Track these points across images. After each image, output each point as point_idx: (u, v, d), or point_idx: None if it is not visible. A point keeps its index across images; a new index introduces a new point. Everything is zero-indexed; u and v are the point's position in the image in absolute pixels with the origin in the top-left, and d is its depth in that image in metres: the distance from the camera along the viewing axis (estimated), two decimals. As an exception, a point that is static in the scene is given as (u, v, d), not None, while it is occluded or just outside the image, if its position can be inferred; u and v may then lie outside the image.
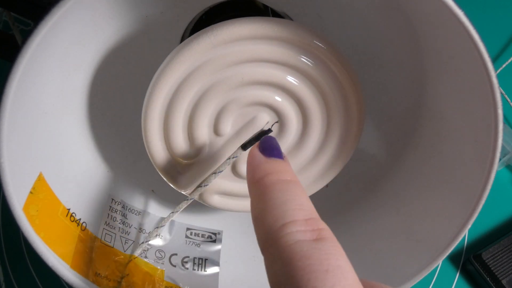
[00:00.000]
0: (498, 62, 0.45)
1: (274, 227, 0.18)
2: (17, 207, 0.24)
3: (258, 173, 0.21)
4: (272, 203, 0.19)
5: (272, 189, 0.20)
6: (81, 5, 0.24)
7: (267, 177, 0.20)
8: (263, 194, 0.20)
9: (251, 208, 0.20)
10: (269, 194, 0.19)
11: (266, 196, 0.19)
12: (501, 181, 0.42)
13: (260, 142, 0.23)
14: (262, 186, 0.20)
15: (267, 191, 0.20)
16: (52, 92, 0.28)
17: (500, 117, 0.24)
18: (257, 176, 0.20)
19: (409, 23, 0.27)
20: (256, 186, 0.20)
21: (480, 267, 0.38)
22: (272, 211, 0.19)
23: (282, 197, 0.19)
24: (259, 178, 0.20)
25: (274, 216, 0.18)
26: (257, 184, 0.20)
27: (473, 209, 0.26)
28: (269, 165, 0.21)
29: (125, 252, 0.30)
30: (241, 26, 0.25)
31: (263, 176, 0.20)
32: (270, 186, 0.20)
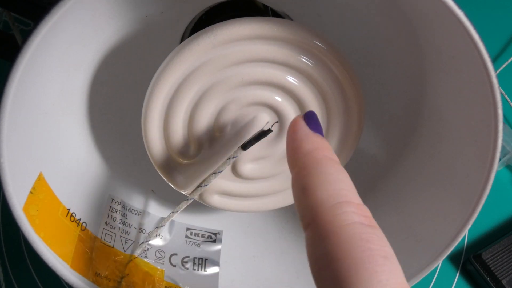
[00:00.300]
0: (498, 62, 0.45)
1: (328, 203, 0.17)
2: (17, 207, 0.24)
3: (307, 144, 0.20)
4: (325, 178, 0.18)
5: (325, 164, 0.19)
6: (81, 5, 0.24)
7: (317, 151, 0.19)
8: (314, 166, 0.19)
9: (296, 179, 0.19)
10: (321, 168, 0.19)
11: (318, 169, 0.19)
12: (501, 181, 0.42)
13: (305, 115, 0.22)
14: (313, 159, 0.19)
15: (320, 165, 0.19)
16: (52, 92, 0.28)
17: (500, 117, 0.24)
18: (307, 147, 0.20)
19: (409, 23, 0.27)
20: (306, 158, 0.19)
21: (480, 267, 0.38)
22: (326, 186, 0.18)
23: (336, 174, 0.19)
24: (310, 150, 0.19)
25: (328, 192, 0.18)
26: (307, 156, 0.19)
27: (473, 209, 0.26)
28: (318, 139, 0.20)
29: (125, 252, 0.30)
30: (241, 26, 0.25)
31: (314, 149, 0.19)
32: (322, 161, 0.19)
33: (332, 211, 0.17)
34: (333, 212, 0.17)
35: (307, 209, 0.18)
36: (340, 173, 0.19)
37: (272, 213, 0.35)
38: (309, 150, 0.20)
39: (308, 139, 0.20)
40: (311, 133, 0.20)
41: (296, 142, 0.20)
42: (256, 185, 0.29)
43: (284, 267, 0.33)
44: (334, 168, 0.19)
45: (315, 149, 0.20)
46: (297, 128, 0.21)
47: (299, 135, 0.20)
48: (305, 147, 0.20)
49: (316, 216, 0.17)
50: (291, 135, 0.21)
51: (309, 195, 0.18)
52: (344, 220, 0.17)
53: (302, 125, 0.21)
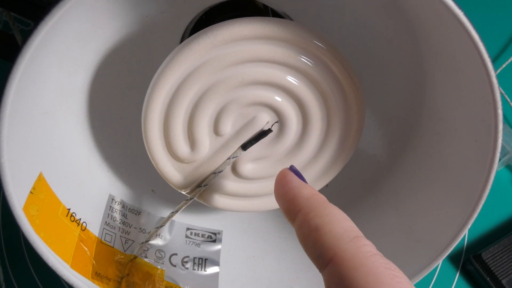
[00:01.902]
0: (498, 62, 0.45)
1: (347, 238, 0.18)
2: (17, 207, 0.24)
3: (306, 190, 0.21)
4: (336, 217, 0.19)
5: (329, 205, 0.20)
6: (81, 5, 0.24)
7: (317, 195, 0.21)
8: (322, 207, 0.20)
9: (305, 220, 0.20)
10: (329, 209, 0.20)
11: (326, 210, 0.20)
12: (501, 181, 0.42)
13: (291, 169, 0.23)
14: (317, 201, 0.20)
15: (326, 206, 0.20)
16: (52, 92, 0.28)
17: (500, 117, 0.24)
18: (307, 192, 0.21)
19: (409, 23, 0.27)
20: (310, 201, 0.20)
21: (480, 267, 0.38)
22: (340, 223, 0.19)
23: (341, 214, 0.20)
24: (311, 194, 0.21)
25: (343, 228, 0.19)
26: (310, 199, 0.21)
27: (473, 209, 0.26)
28: (310, 187, 0.22)
29: (125, 252, 0.30)
30: (241, 26, 0.25)
31: (314, 194, 0.21)
32: (326, 203, 0.20)
33: (354, 244, 0.18)
34: (355, 245, 0.18)
35: (325, 246, 0.18)
36: (343, 213, 0.20)
37: (272, 213, 0.35)
38: (309, 194, 0.21)
39: (305, 186, 0.21)
40: (303, 183, 0.22)
41: (294, 190, 0.21)
42: (256, 185, 0.29)
43: (284, 267, 0.33)
44: (337, 209, 0.20)
45: (315, 193, 0.21)
46: (289, 178, 0.22)
47: (295, 183, 0.22)
48: (305, 193, 0.21)
49: (339, 250, 0.18)
50: (285, 186, 0.22)
51: (325, 233, 0.19)
52: (367, 252, 0.18)
53: (293, 176, 0.22)
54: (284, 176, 0.22)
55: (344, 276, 0.17)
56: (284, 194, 0.22)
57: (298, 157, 0.28)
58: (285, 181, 0.22)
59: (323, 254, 0.18)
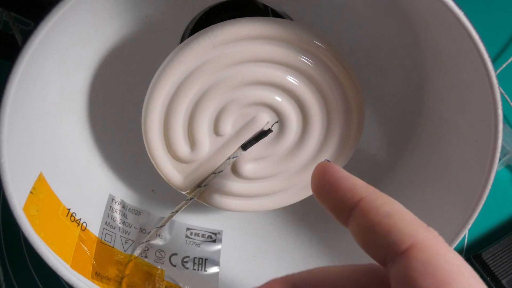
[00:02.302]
0: (498, 62, 0.45)
1: (422, 225, 0.18)
2: (17, 207, 0.24)
3: (360, 180, 0.20)
4: (402, 206, 0.19)
5: (388, 195, 0.19)
6: (82, 5, 0.24)
7: (371, 186, 0.20)
8: (386, 196, 0.19)
9: (374, 206, 0.19)
10: (391, 198, 0.19)
11: (390, 198, 0.19)
12: (501, 181, 0.42)
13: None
14: (377, 190, 0.20)
15: (387, 195, 0.19)
16: (52, 92, 0.28)
17: (500, 117, 0.24)
18: (362, 182, 0.20)
19: (409, 23, 0.27)
20: (371, 189, 0.20)
21: (480, 267, 0.37)
22: (409, 212, 0.18)
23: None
24: (367, 184, 0.20)
25: (415, 217, 0.18)
26: (370, 188, 0.20)
27: (473, 209, 0.26)
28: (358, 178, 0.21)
29: (125, 252, 0.30)
30: (241, 26, 0.25)
31: (368, 184, 0.20)
32: (384, 193, 0.20)
33: (431, 233, 0.18)
34: (432, 234, 0.18)
35: (403, 232, 0.18)
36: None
37: (272, 213, 0.35)
38: (365, 184, 0.20)
39: (355, 177, 0.20)
40: (347, 173, 0.21)
41: (349, 179, 0.20)
42: (256, 185, 0.29)
43: (284, 267, 0.33)
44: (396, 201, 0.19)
45: (368, 184, 0.20)
46: (336, 168, 0.21)
47: (346, 173, 0.20)
48: (360, 182, 0.20)
49: (419, 237, 0.17)
50: (335, 176, 0.20)
51: (400, 219, 0.18)
52: (443, 242, 0.17)
53: (339, 167, 0.21)
54: (328, 167, 0.21)
55: (427, 263, 0.17)
56: (337, 184, 0.20)
57: (298, 157, 0.28)
58: (333, 171, 0.20)
59: (399, 240, 0.17)
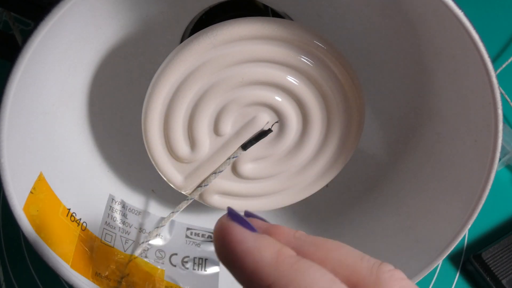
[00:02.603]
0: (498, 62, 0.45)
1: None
2: (17, 207, 0.24)
3: (267, 249, 0.16)
4: (317, 279, 0.15)
5: (301, 264, 0.15)
6: (81, 5, 0.24)
7: (282, 253, 0.16)
8: (299, 273, 0.15)
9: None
10: (304, 272, 0.15)
11: (304, 275, 0.15)
12: (501, 181, 0.42)
13: (229, 214, 0.16)
14: (288, 264, 0.15)
15: (300, 268, 0.15)
16: (52, 92, 0.28)
17: (500, 117, 0.24)
18: (270, 254, 0.15)
19: (409, 23, 0.27)
20: (280, 267, 0.15)
21: (480, 267, 0.37)
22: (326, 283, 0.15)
23: (319, 269, 0.15)
24: (276, 255, 0.15)
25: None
26: (279, 264, 0.15)
27: (473, 209, 0.26)
28: (267, 238, 0.16)
29: (125, 252, 0.30)
30: (241, 26, 0.25)
31: (278, 252, 0.16)
32: (297, 263, 0.15)
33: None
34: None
35: None
36: (318, 267, 0.15)
37: (272, 213, 0.35)
38: (274, 256, 0.15)
39: (262, 243, 0.16)
40: (257, 235, 0.16)
41: (250, 255, 0.15)
42: (256, 185, 0.29)
43: (284, 267, 0.33)
44: (312, 264, 0.15)
45: (279, 250, 0.16)
46: (236, 236, 0.15)
47: (248, 244, 0.15)
48: (267, 256, 0.15)
49: None
50: (234, 250, 0.15)
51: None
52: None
53: (240, 229, 0.16)
54: (226, 234, 0.16)
55: None
56: (238, 264, 0.15)
57: (298, 157, 0.28)
58: (232, 241, 0.16)
59: None
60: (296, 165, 0.29)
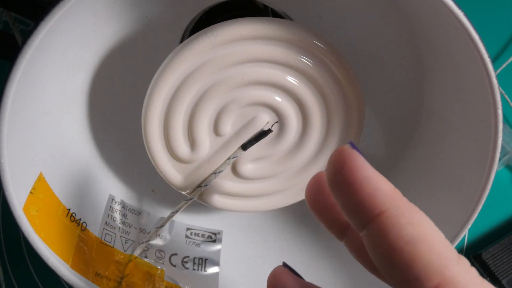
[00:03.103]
0: (498, 62, 0.45)
1: (452, 257, 0.15)
2: (17, 207, 0.24)
3: (386, 182, 0.16)
4: (432, 227, 0.16)
5: (416, 208, 0.16)
6: (81, 5, 0.24)
7: (398, 192, 0.16)
8: (413, 211, 0.16)
9: (396, 226, 0.15)
10: (420, 213, 0.16)
11: (418, 215, 0.16)
12: (501, 181, 0.42)
13: (352, 145, 0.17)
14: (404, 201, 0.16)
15: (415, 209, 0.16)
16: (52, 92, 0.28)
17: (500, 117, 0.24)
18: (388, 187, 0.16)
19: (409, 23, 0.27)
20: (396, 200, 0.16)
21: (480, 267, 0.37)
22: (440, 235, 0.16)
23: (432, 222, 0.16)
24: (393, 190, 0.16)
25: (445, 244, 0.15)
26: (394, 197, 0.16)
27: (473, 209, 0.26)
28: (384, 178, 0.17)
29: (125, 252, 0.30)
30: (241, 26, 0.25)
31: (395, 189, 0.16)
32: (411, 204, 0.16)
33: (463, 268, 0.15)
34: (464, 269, 0.15)
35: (430, 266, 0.15)
36: (431, 222, 0.16)
37: (272, 213, 0.35)
38: (391, 190, 0.16)
39: (381, 176, 0.16)
40: (376, 171, 0.16)
41: (370, 181, 0.16)
42: (256, 185, 0.29)
43: (284, 267, 0.33)
44: (424, 214, 0.16)
45: (395, 189, 0.16)
46: (359, 163, 0.16)
47: (369, 172, 0.16)
48: (385, 187, 0.16)
49: (449, 274, 0.15)
50: (355, 173, 0.16)
51: (427, 249, 0.15)
52: (477, 277, 0.15)
53: (363, 159, 0.16)
54: (349, 158, 0.16)
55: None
56: (355, 187, 0.16)
57: (298, 157, 0.28)
58: (354, 166, 0.16)
59: (424, 277, 0.15)
60: (296, 165, 0.29)
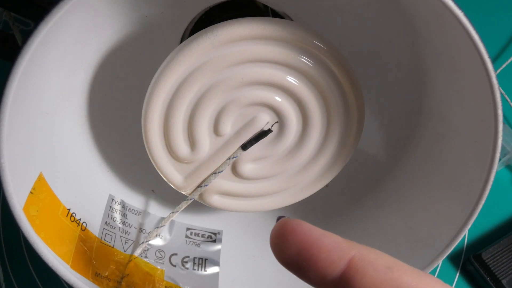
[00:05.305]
0: (498, 62, 0.45)
1: (424, 275, 0.16)
2: (17, 207, 0.24)
3: (340, 238, 0.17)
4: (392, 257, 0.16)
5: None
6: (82, 5, 0.24)
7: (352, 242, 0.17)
8: (371, 249, 0.17)
9: (371, 262, 0.16)
10: (377, 250, 0.17)
11: (373, 249, 0.17)
12: (501, 181, 0.42)
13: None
14: (363, 246, 0.17)
15: (371, 248, 0.17)
16: (52, 92, 0.28)
17: (500, 117, 0.24)
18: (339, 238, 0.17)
19: (409, 23, 0.27)
20: (355, 244, 0.17)
21: (480, 267, 0.37)
22: (403, 263, 0.16)
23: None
24: (347, 240, 0.17)
25: (411, 268, 0.16)
26: (352, 242, 0.17)
27: (473, 209, 0.26)
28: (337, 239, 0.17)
29: (125, 252, 0.30)
30: (241, 26, 0.25)
31: (349, 242, 0.17)
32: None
33: (435, 282, 0.16)
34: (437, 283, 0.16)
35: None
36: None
37: (272, 213, 0.35)
38: (344, 239, 0.17)
39: (329, 233, 0.17)
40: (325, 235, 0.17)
41: (328, 236, 0.17)
42: (256, 185, 0.29)
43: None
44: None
45: (346, 239, 0.17)
46: (306, 225, 0.17)
47: (319, 229, 0.17)
48: (339, 237, 0.17)
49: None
50: (310, 232, 0.17)
51: (402, 273, 0.16)
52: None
53: (305, 223, 0.17)
54: (296, 226, 0.17)
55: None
56: (317, 245, 0.17)
57: (298, 157, 0.28)
58: (305, 230, 0.17)
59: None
60: (296, 165, 0.29)
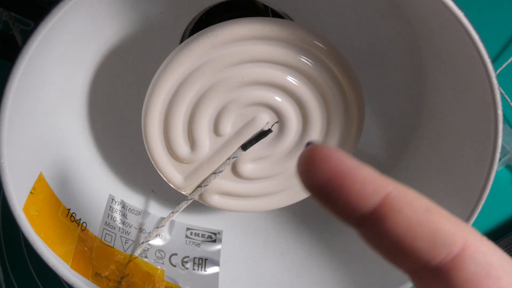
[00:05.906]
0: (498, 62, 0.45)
1: (462, 222, 0.16)
2: (17, 207, 0.24)
3: (378, 173, 0.17)
4: (431, 201, 0.17)
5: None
6: (82, 5, 0.24)
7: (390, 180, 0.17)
8: (410, 189, 0.17)
9: (409, 201, 0.16)
10: (415, 192, 0.17)
11: (411, 191, 0.17)
12: (501, 181, 0.42)
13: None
14: (400, 184, 0.17)
15: (410, 189, 0.17)
16: (52, 92, 0.28)
17: (500, 117, 0.24)
18: (381, 174, 0.17)
19: (409, 23, 0.27)
20: (391, 181, 0.17)
21: (480, 267, 0.37)
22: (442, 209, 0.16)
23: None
24: (385, 176, 0.17)
25: (450, 214, 0.16)
26: (389, 179, 0.17)
27: (473, 209, 0.26)
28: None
29: (125, 252, 0.30)
30: (241, 26, 0.25)
31: (387, 178, 0.17)
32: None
33: (474, 230, 0.16)
34: (475, 231, 0.16)
35: (450, 232, 0.16)
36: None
37: (272, 213, 0.35)
38: (382, 175, 0.17)
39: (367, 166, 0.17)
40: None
41: (365, 168, 0.16)
42: (256, 185, 0.29)
43: (284, 267, 0.33)
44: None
45: (384, 176, 0.17)
46: (342, 153, 0.16)
47: (355, 160, 0.17)
48: (377, 172, 0.17)
49: (470, 236, 0.16)
50: (346, 161, 0.16)
51: (442, 217, 0.16)
52: (487, 240, 0.16)
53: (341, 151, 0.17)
54: (331, 154, 0.16)
55: (488, 265, 0.15)
56: (352, 176, 0.16)
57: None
58: (340, 159, 0.16)
59: (450, 242, 0.16)
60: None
